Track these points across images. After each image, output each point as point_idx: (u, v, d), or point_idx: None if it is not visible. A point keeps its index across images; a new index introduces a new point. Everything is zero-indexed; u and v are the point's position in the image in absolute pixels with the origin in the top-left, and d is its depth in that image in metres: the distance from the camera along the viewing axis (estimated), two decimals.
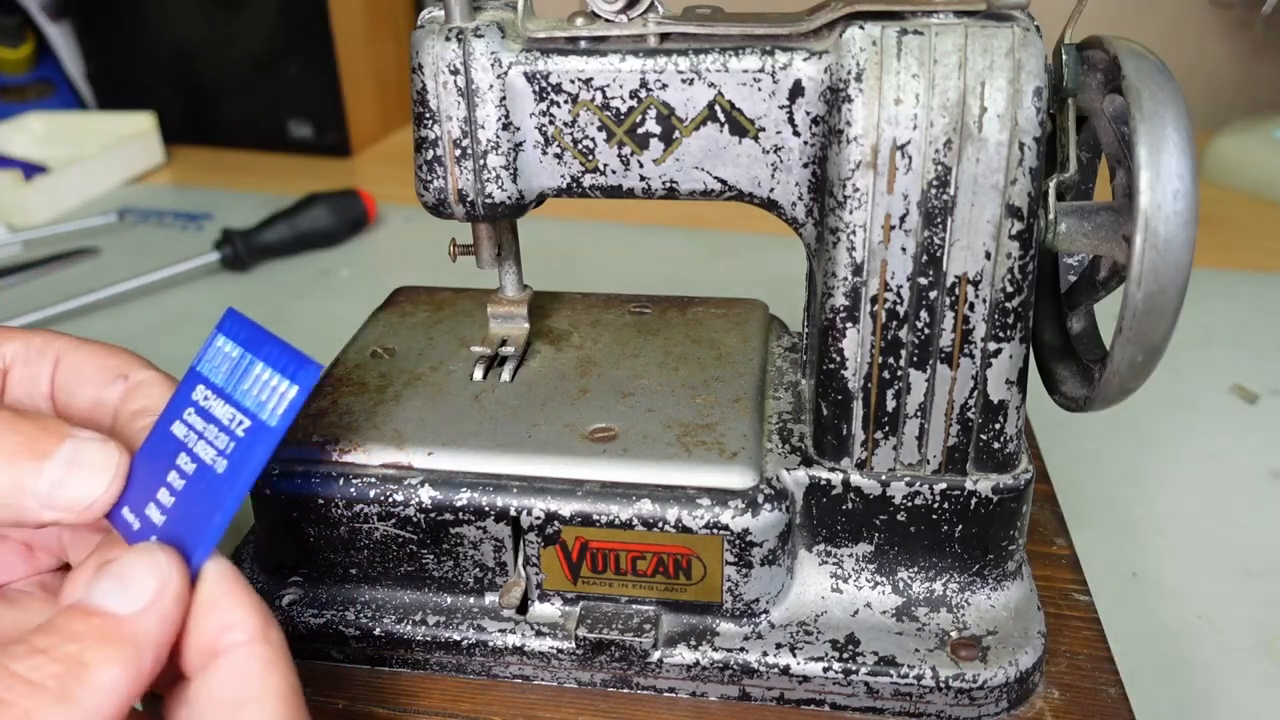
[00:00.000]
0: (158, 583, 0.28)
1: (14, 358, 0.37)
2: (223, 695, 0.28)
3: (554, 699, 0.40)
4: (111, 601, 0.28)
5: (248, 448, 0.31)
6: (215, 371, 0.32)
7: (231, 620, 0.29)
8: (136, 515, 0.31)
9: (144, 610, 0.28)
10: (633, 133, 0.37)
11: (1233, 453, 0.61)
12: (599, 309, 0.51)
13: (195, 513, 0.30)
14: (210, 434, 0.31)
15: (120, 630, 0.27)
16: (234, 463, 0.31)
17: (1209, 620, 0.49)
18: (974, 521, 0.39)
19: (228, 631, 0.29)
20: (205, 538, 0.30)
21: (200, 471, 0.31)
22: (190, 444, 0.32)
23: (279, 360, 0.31)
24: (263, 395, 0.31)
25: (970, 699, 0.38)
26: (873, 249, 0.35)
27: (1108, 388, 0.36)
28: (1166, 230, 0.32)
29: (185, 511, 0.31)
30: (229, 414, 0.31)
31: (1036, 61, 0.33)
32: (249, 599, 0.30)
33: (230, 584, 0.30)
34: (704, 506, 0.38)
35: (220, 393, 0.32)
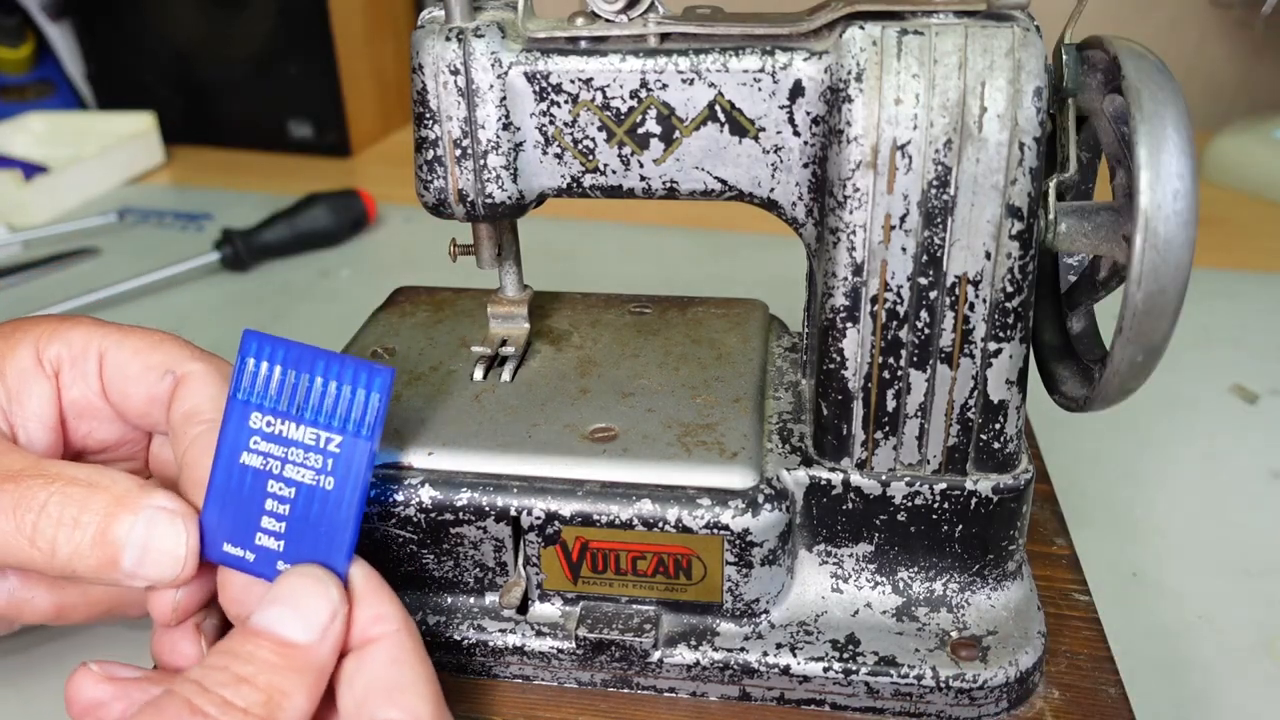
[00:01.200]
0: (330, 611, 0.31)
1: (59, 359, 0.38)
2: (383, 678, 0.31)
3: (554, 699, 0.40)
4: (294, 631, 0.31)
5: (349, 462, 0.33)
6: (265, 396, 0.33)
7: (381, 612, 0.32)
8: (245, 547, 0.33)
9: (321, 639, 0.31)
10: (633, 133, 0.37)
11: (1233, 453, 0.61)
12: (599, 309, 0.51)
13: (318, 532, 0.33)
14: (297, 457, 0.33)
15: (305, 659, 0.30)
16: (341, 478, 0.33)
17: (1209, 620, 0.49)
18: (974, 521, 0.39)
19: (379, 622, 0.32)
20: (344, 552, 0.32)
21: (305, 494, 0.33)
22: (275, 470, 0.33)
23: (343, 373, 0.33)
24: (343, 410, 0.33)
25: (970, 699, 0.38)
26: (873, 249, 0.35)
27: (1108, 388, 0.36)
28: (1166, 230, 0.32)
29: (304, 532, 0.33)
30: (311, 435, 0.33)
31: (1036, 61, 0.33)
32: (392, 594, 0.33)
33: (376, 582, 0.33)
34: (704, 506, 0.38)
35: (287, 416, 0.33)
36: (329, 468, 0.33)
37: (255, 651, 0.30)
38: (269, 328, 0.34)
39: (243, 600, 0.34)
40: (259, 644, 0.30)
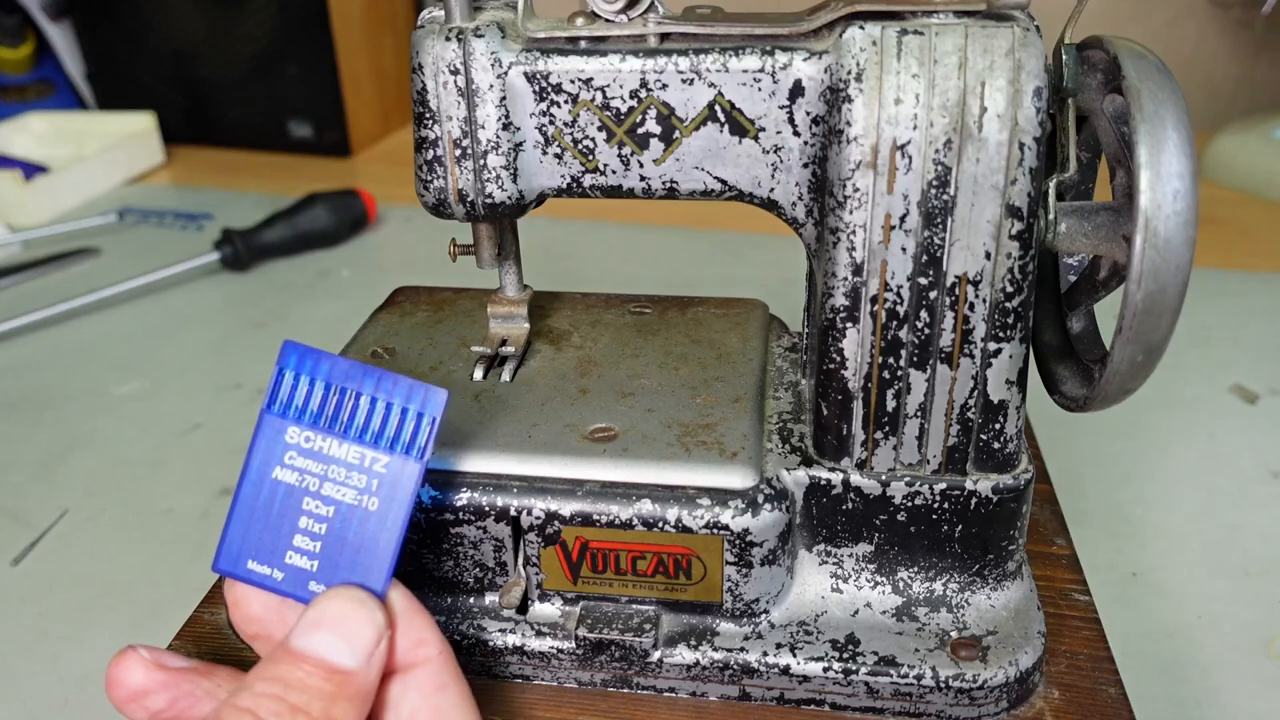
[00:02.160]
0: (376, 635, 0.30)
1: None
2: (429, 705, 0.31)
3: (554, 699, 0.40)
4: (339, 657, 0.30)
5: (396, 483, 0.32)
6: (305, 411, 0.32)
7: (423, 636, 0.31)
8: (274, 566, 0.32)
9: (369, 665, 0.30)
10: (633, 133, 0.37)
11: (1233, 453, 0.61)
12: (599, 309, 0.51)
13: (357, 553, 0.32)
14: (338, 475, 0.32)
15: (353, 684, 0.30)
16: (386, 498, 0.32)
17: (1209, 620, 0.49)
18: (974, 521, 0.39)
19: (420, 646, 0.31)
20: (384, 574, 0.32)
21: (345, 513, 0.32)
22: (313, 488, 0.32)
23: (395, 392, 0.32)
24: (392, 429, 0.32)
25: (970, 699, 0.38)
26: (873, 249, 0.35)
27: (1108, 388, 0.36)
28: (1166, 230, 0.32)
29: (341, 553, 0.32)
30: (355, 454, 0.32)
31: (1036, 61, 0.33)
32: (430, 617, 0.32)
33: (415, 605, 0.32)
34: (704, 506, 0.38)
35: (330, 432, 0.32)
36: (374, 488, 0.32)
37: (307, 680, 0.29)
38: (269, 328, 0.33)
39: (263, 619, 0.33)
40: (310, 671, 0.29)
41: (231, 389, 0.70)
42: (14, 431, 0.67)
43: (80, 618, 0.51)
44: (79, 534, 0.57)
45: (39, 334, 0.79)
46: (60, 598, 0.52)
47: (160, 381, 0.72)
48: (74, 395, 0.71)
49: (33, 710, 0.46)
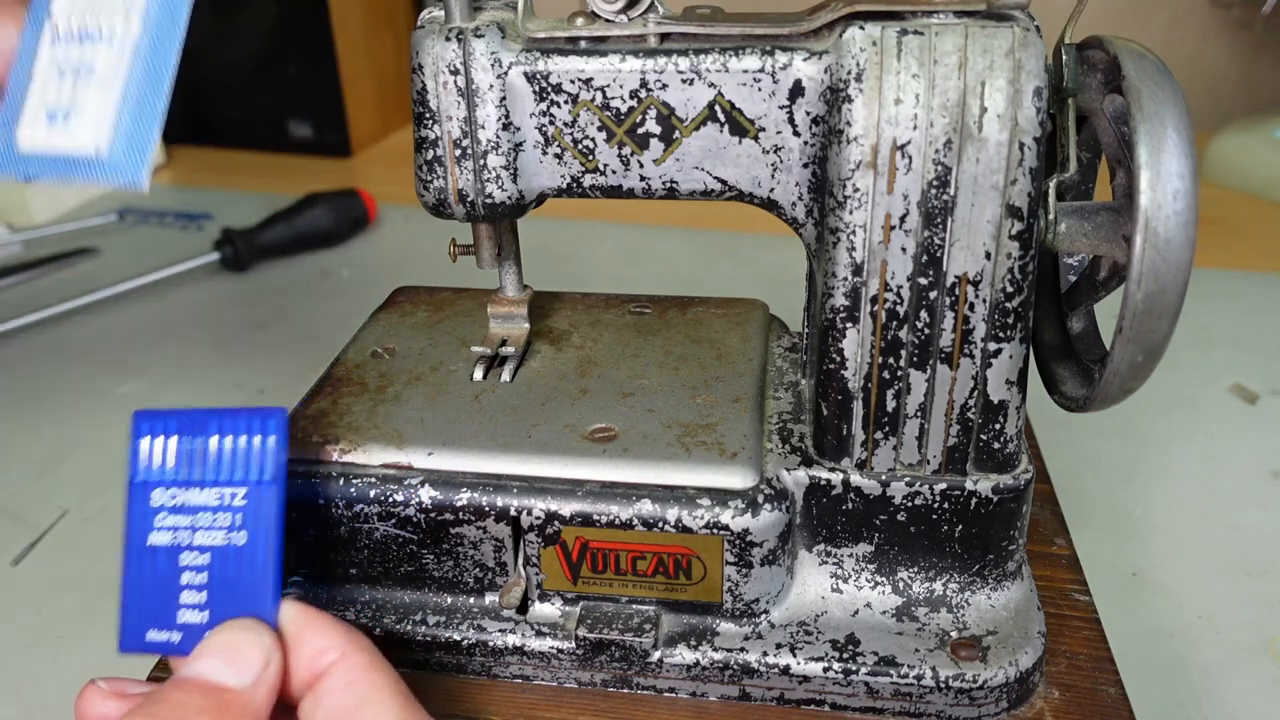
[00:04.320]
0: (262, 656, 0.30)
1: None
2: (342, 705, 0.31)
3: (554, 699, 0.40)
4: (222, 676, 0.30)
5: (258, 511, 0.32)
6: (162, 472, 0.33)
7: (322, 645, 0.31)
8: (169, 629, 0.32)
9: (255, 684, 0.30)
10: (633, 133, 0.37)
11: (1233, 453, 0.61)
12: (599, 309, 0.51)
13: (241, 589, 0.32)
14: (205, 522, 0.32)
15: (238, 703, 0.30)
16: (252, 529, 0.32)
17: (1209, 620, 0.49)
18: (974, 521, 0.39)
19: (322, 655, 0.31)
20: (270, 600, 0.32)
21: (219, 555, 0.32)
22: (185, 542, 0.32)
23: (235, 425, 0.32)
24: (242, 462, 0.32)
25: (970, 699, 0.38)
26: (873, 249, 0.35)
27: (1108, 388, 0.36)
28: (1166, 230, 0.32)
29: (226, 594, 0.32)
30: (214, 496, 0.32)
31: (1036, 61, 0.33)
32: (329, 623, 0.32)
33: (309, 617, 0.32)
34: (704, 506, 0.38)
35: (189, 484, 0.32)
36: (238, 523, 0.32)
37: (186, 698, 0.29)
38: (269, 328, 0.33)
39: None
40: (189, 691, 0.29)
41: (231, 389, 0.70)
42: (14, 431, 0.67)
43: (80, 618, 0.51)
44: (79, 534, 0.57)
45: (39, 334, 0.79)
46: (60, 598, 0.52)
47: (160, 381, 0.72)
48: (74, 395, 0.71)
49: (32, 710, 0.46)
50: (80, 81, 0.33)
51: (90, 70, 0.33)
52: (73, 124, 0.33)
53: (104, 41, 0.33)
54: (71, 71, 0.33)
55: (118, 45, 0.33)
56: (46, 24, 0.34)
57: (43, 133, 0.33)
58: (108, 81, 0.33)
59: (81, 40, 0.33)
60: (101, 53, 0.33)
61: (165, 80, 0.32)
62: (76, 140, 0.33)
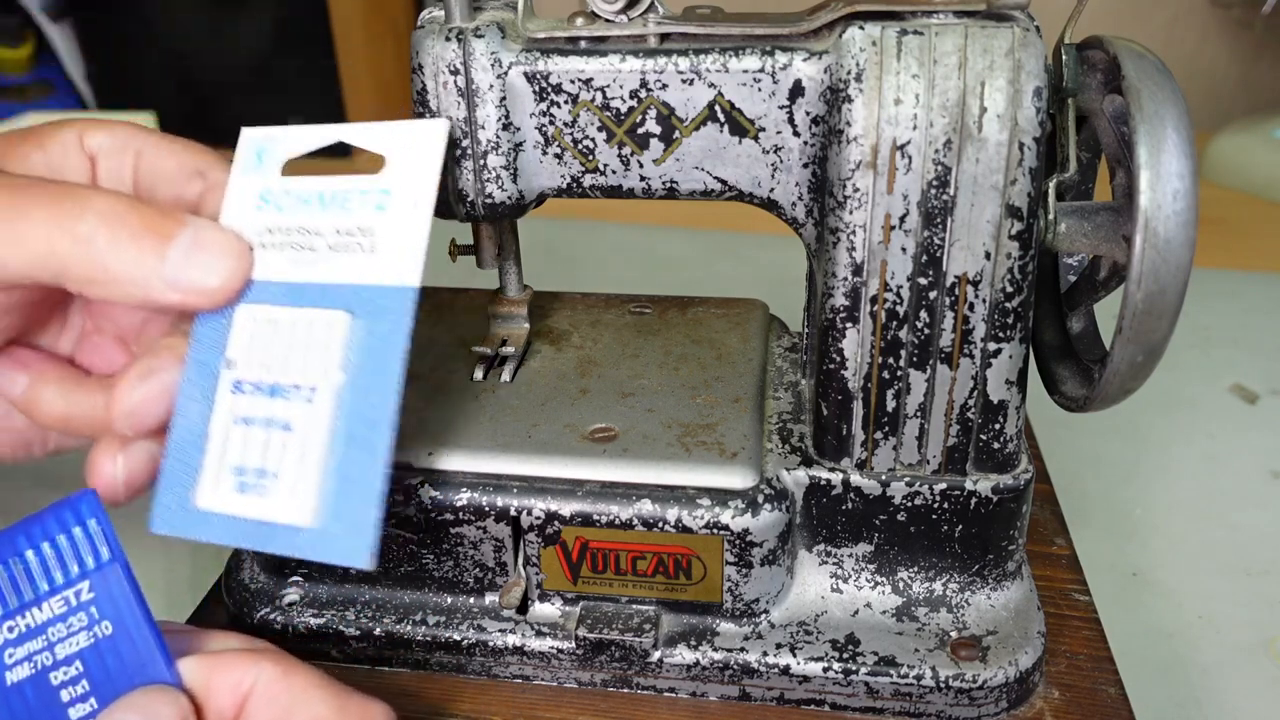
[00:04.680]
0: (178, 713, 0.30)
1: (99, 148, 0.37)
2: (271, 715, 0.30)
3: (554, 699, 0.40)
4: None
5: (111, 594, 0.31)
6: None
7: (233, 680, 0.31)
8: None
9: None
10: (633, 133, 0.37)
11: (1232, 453, 0.61)
12: (599, 309, 0.51)
13: (129, 673, 0.30)
14: (59, 633, 0.30)
15: None
16: (114, 613, 0.30)
17: (1208, 620, 0.49)
18: (974, 521, 0.39)
19: (237, 688, 0.31)
20: (166, 669, 0.30)
21: (91, 656, 0.30)
22: (47, 663, 0.30)
23: (45, 529, 0.31)
24: (70, 559, 0.31)
25: (970, 699, 0.38)
26: (873, 249, 0.35)
27: (1108, 388, 0.36)
28: (1166, 230, 0.32)
29: (117, 686, 0.30)
30: (59, 605, 0.30)
31: (1036, 62, 0.33)
32: (232, 657, 0.31)
33: (210, 663, 0.31)
34: (704, 506, 0.38)
35: (23, 608, 0.30)
36: (96, 616, 0.30)
37: None
38: None
39: None
40: None
41: None
42: None
43: None
44: None
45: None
46: None
47: None
48: None
49: None
50: (273, 441, 0.31)
51: (286, 428, 0.31)
52: (269, 490, 0.31)
53: (299, 397, 0.31)
54: (261, 428, 0.31)
55: (319, 402, 0.31)
56: (223, 371, 0.32)
57: (229, 495, 0.32)
58: (308, 445, 0.31)
59: (272, 394, 0.32)
60: (298, 411, 0.31)
61: (381, 446, 0.30)
62: (276, 510, 0.31)
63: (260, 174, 0.34)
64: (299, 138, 0.35)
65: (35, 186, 0.31)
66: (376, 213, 0.32)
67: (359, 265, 0.32)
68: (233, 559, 0.44)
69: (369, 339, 0.31)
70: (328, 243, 0.33)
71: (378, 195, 0.33)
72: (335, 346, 0.32)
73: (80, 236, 0.31)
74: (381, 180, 0.33)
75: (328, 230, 0.33)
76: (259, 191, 0.34)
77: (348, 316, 0.32)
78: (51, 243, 0.30)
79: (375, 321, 0.32)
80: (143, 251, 0.31)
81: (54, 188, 0.31)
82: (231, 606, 0.42)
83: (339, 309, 0.32)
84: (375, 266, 0.32)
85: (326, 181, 0.34)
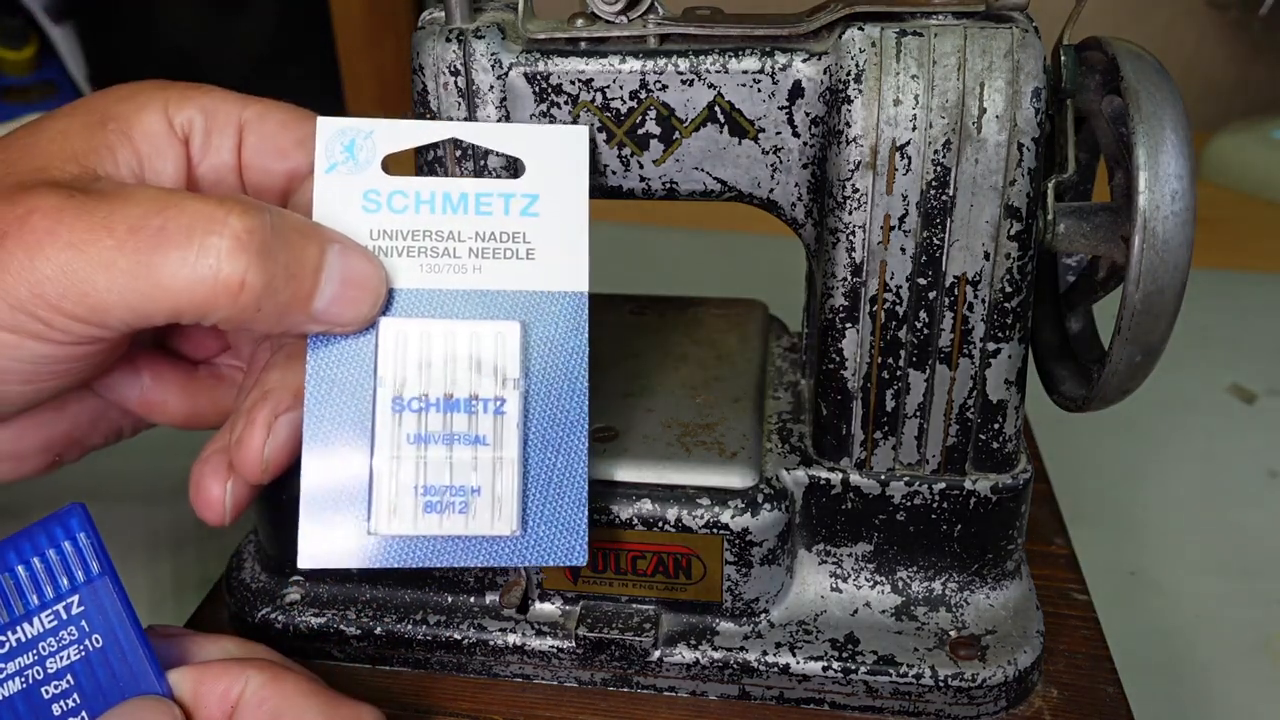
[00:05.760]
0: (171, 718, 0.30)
1: (191, 125, 0.34)
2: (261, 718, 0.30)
3: (554, 698, 0.40)
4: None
5: (101, 608, 0.31)
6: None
7: (222, 688, 0.31)
8: None
9: None
10: (632, 133, 0.37)
11: (1231, 452, 0.61)
12: (599, 309, 0.51)
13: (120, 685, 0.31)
14: (50, 647, 0.30)
15: None
16: (104, 627, 0.31)
17: (1207, 619, 0.49)
18: (973, 521, 0.39)
19: (226, 696, 0.31)
20: (157, 680, 0.31)
21: (82, 668, 0.31)
22: (39, 676, 0.30)
23: (35, 545, 0.31)
24: (60, 573, 0.31)
25: (969, 698, 0.38)
26: (872, 249, 0.35)
27: (1106, 388, 0.36)
28: (1165, 231, 0.32)
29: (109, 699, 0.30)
30: (48, 619, 0.30)
31: (1035, 62, 0.33)
32: (221, 667, 0.31)
33: (199, 673, 0.31)
34: (704, 506, 0.38)
35: (14, 623, 0.30)
36: (87, 629, 0.31)
37: None
38: None
39: None
40: None
41: None
42: None
43: None
44: None
45: None
46: None
47: None
48: None
49: None
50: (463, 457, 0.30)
51: (477, 441, 0.30)
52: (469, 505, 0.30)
53: (485, 409, 0.30)
54: (443, 445, 0.31)
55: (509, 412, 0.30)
56: (377, 389, 0.31)
57: (417, 517, 0.31)
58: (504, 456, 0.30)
59: (448, 409, 0.31)
60: (486, 423, 0.30)
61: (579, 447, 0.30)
62: (479, 524, 0.31)
63: (357, 169, 0.32)
64: (403, 133, 0.33)
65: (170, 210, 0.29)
66: (526, 218, 0.31)
67: (519, 272, 0.31)
68: (233, 558, 0.44)
69: (547, 346, 0.31)
70: (469, 248, 0.31)
71: (523, 200, 0.32)
72: (512, 356, 0.31)
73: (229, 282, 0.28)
74: (525, 184, 0.32)
75: (467, 235, 0.31)
76: (362, 189, 0.32)
77: (518, 326, 0.31)
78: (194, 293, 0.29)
79: (550, 328, 0.31)
80: (295, 297, 0.30)
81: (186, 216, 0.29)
82: (233, 606, 0.43)
83: (507, 318, 0.31)
84: (539, 273, 0.31)
85: (453, 183, 0.33)
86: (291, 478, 0.33)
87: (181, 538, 0.57)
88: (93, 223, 0.28)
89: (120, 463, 0.64)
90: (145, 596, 0.52)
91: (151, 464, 0.64)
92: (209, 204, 0.29)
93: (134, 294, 0.28)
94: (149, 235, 0.28)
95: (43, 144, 0.32)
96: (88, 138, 0.32)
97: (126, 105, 0.33)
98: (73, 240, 0.28)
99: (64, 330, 0.29)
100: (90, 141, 0.32)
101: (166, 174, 0.34)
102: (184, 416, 0.38)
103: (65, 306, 0.28)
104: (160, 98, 0.34)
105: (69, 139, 0.32)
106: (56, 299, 0.28)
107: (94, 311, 0.29)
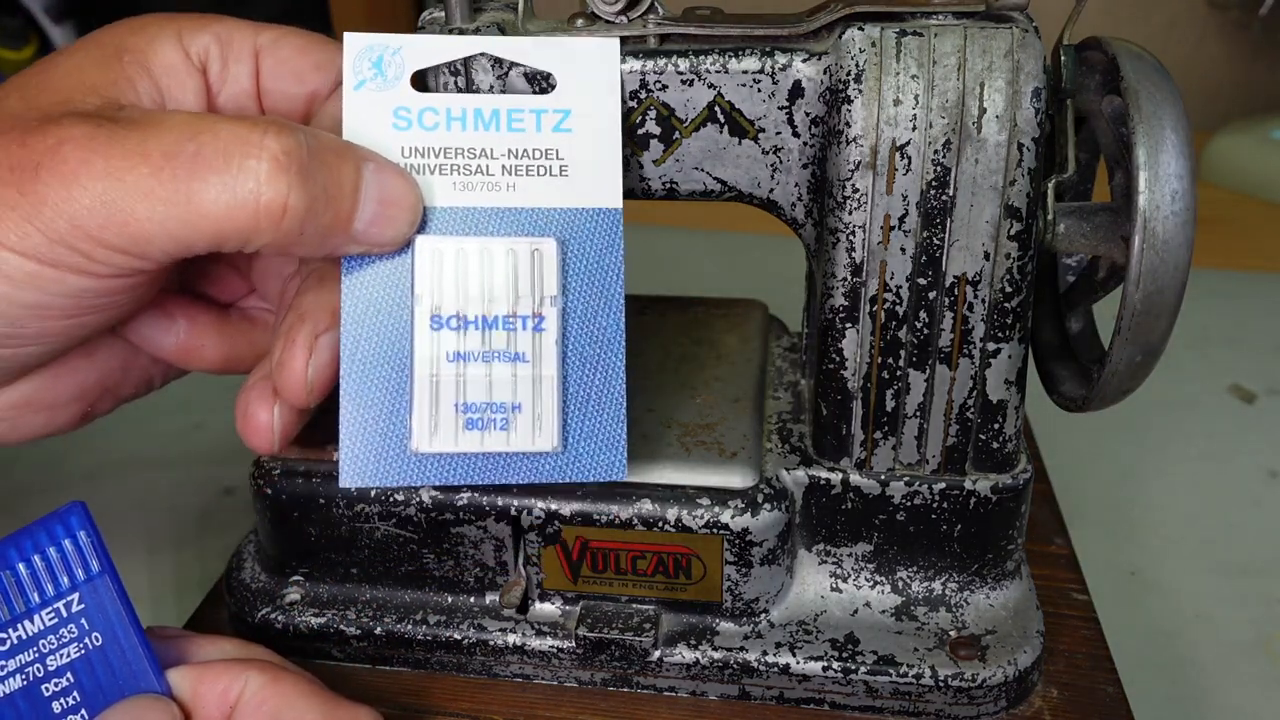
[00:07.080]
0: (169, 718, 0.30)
1: (208, 54, 0.34)
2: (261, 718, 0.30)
3: (554, 698, 0.40)
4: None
5: (101, 606, 0.31)
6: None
7: (221, 688, 0.31)
8: None
9: None
10: (632, 133, 0.37)
11: (1231, 453, 0.61)
12: None
13: (119, 683, 0.31)
14: (50, 645, 0.31)
15: None
16: (104, 625, 0.31)
17: (1206, 619, 0.49)
18: (973, 521, 0.39)
19: (225, 696, 0.31)
20: (156, 679, 0.31)
21: (82, 666, 0.31)
22: (39, 674, 0.31)
23: (36, 542, 0.31)
24: (61, 570, 0.31)
25: (969, 698, 0.38)
26: (872, 249, 0.35)
27: (1106, 388, 0.36)
28: (1165, 231, 0.32)
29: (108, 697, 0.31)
30: (50, 617, 0.31)
31: (1035, 62, 0.33)
32: (221, 667, 0.31)
33: (198, 673, 0.31)
34: (704, 506, 0.38)
35: (15, 620, 0.31)
36: (87, 627, 0.31)
37: None
38: None
39: None
40: None
41: (234, 388, 0.70)
42: None
43: None
44: None
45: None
46: None
47: None
48: None
49: None
50: (502, 374, 0.30)
51: (517, 359, 0.30)
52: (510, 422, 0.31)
53: (524, 326, 0.30)
54: (482, 362, 0.30)
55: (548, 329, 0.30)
56: (415, 307, 0.31)
57: (459, 434, 0.31)
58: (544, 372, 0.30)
59: (487, 326, 0.31)
60: (526, 340, 0.30)
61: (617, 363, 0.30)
62: (520, 440, 0.31)
63: (386, 86, 0.32)
64: (432, 48, 0.33)
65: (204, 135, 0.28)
66: (559, 134, 0.31)
67: (553, 189, 0.31)
68: (233, 558, 0.44)
69: (583, 263, 0.31)
70: (502, 165, 0.31)
71: (555, 115, 0.31)
72: (550, 273, 0.31)
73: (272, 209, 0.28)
74: (556, 99, 0.31)
75: (500, 152, 0.31)
76: (391, 106, 0.32)
77: (555, 243, 0.31)
78: (236, 219, 0.28)
79: (586, 245, 0.31)
80: (337, 218, 0.29)
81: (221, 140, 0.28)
82: (233, 606, 0.43)
83: (542, 235, 0.31)
84: (573, 190, 0.31)
85: (483, 99, 0.32)
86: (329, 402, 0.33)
87: (181, 538, 0.57)
88: (127, 150, 0.28)
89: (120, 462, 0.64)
90: (145, 596, 0.52)
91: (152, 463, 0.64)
92: (243, 126, 0.28)
93: (175, 221, 0.28)
94: (185, 161, 0.28)
95: (57, 79, 0.31)
96: (104, 71, 0.32)
97: (139, 37, 0.33)
98: (109, 169, 0.27)
99: (105, 262, 0.28)
100: (107, 74, 0.32)
101: (188, 104, 0.33)
102: (221, 360, 0.37)
103: (106, 238, 0.28)
104: (173, 28, 0.33)
105: (85, 73, 0.31)
106: (97, 230, 0.28)
107: (135, 242, 0.28)
